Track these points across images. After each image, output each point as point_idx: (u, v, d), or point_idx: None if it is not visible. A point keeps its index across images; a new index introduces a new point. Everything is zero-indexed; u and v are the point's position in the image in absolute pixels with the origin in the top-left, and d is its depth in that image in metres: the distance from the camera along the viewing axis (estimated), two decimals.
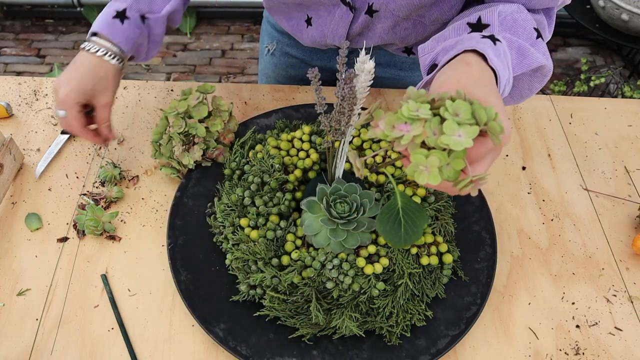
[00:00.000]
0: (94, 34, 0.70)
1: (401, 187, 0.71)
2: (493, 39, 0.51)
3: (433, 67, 0.57)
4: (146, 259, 0.70)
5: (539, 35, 0.58)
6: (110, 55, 0.69)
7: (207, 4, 2.50)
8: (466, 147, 0.37)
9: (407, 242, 0.51)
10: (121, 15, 0.70)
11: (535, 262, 0.73)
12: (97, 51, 0.68)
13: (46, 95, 0.89)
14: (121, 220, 0.74)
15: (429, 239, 0.67)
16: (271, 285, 0.64)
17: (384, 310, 0.63)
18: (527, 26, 0.57)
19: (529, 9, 0.61)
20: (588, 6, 2.11)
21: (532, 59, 0.55)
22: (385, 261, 0.64)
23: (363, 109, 0.82)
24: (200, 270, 0.67)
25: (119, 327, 0.64)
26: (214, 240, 0.70)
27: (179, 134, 0.73)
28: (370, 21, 0.72)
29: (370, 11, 0.70)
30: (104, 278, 0.68)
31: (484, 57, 0.50)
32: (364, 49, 0.56)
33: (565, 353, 0.65)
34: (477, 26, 0.56)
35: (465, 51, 0.50)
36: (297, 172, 0.72)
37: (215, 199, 0.72)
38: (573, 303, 0.69)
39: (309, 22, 0.79)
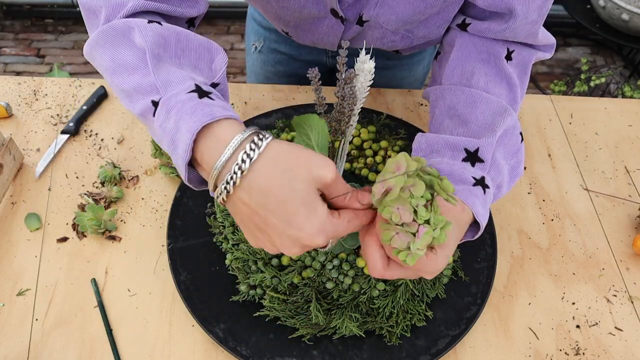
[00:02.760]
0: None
1: None
2: (483, 184, 0.55)
3: None
4: (146, 259, 0.70)
5: (521, 139, 0.62)
6: (258, 135, 0.45)
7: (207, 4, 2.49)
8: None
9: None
10: (206, 94, 0.50)
11: (536, 262, 0.72)
12: (264, 137, 0.45)
13: (46, 95, 0.88)
14: (121, 220, 0.74)
15: None
16: (271, 285, 0.64)
17: (384, 311, 0.63)
18: (516, 132, 0.61)
19: (509, 49, 0.64)
20: (588, 6, 2.11)
21: (502, 193, 0.60)
22: None
23: (363, 109, 0.82)
24: (200, 270, 0.67)
25: (106, 333, 0.64)
26: (214, 240, 0.70)
27: None
28: (361, 30, 0.72)
29: (361, 21, 0.70)
30: (94, 283, 0.68)
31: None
32: (364, 49, 0.56)
33: (566, 353, 0.64)
34: (473, 157, 0.57)
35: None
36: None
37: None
38: (573, 303, 0.69)
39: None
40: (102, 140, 0.83)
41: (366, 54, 0.55)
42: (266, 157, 0.43)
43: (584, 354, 0.64)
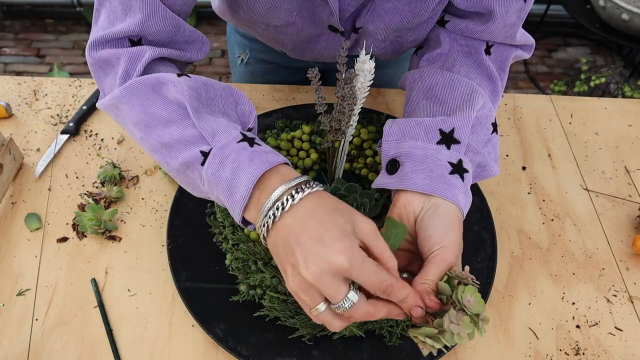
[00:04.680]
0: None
1: None
2: (461, 169, 0.54)
3: (394, 162, 0.57)
4: (146, 259, 0.70)
5: (494, 130, 0.61)
6: (307, 183, 0.48)
7: (207, 4, 2.50)
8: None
9: None
10: (252, 140, 0.53)
11: (536, 262, 0.72)
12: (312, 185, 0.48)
13: (46, 95, 0.89)
14: (121, 220, 0.74)
15: None
16: (271, 285, 0.64)
17: None
18: (487, 123, 0.60)
19: (488, 43, 0.65)
20: (588, 6, 2.11)
21: (489, 171, 0.60)
22: None
23: (363, 109, 0.82)
24: (200, 270, 0.67)
25: (106, 333, 0.64)
26: (214, 240, 0.70)
27: None
28: (358, 37, 0.73)
29: (356, 29, 0.71)
30: (94, 283, 0.68)
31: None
32: (364, 49, 0.56)
33: (566, 353, 0.64)
34: (448, 138, 0.56)
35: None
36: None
37: None
38: (573, 303, 0.69)
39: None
40: (102, 140, 0.83)
41: (366, 54, 0.55)
42: (315, 195, 0.47)
43: (584, 354, 0.65)
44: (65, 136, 0.82)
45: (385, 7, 0.65)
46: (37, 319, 0.64)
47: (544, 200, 0.79)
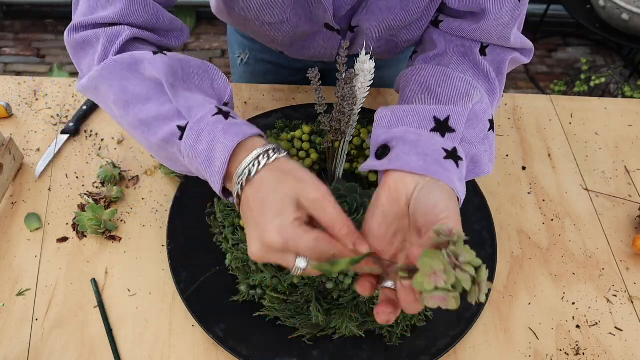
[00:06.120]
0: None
1: None
2: (455, 157, 0.52)
3: (385, 147, 0.55)
4: (146, 259, 0.70)
5: (491, 127, 0.59)
6: (274, 150, 0.50)
7: (207, 4, 2.50)
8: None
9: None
10: (227, 114, 0.53)
11: (536, 262, 0.72)
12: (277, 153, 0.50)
13: (46, 95, 0.88)
14: (121, 220, 0.74)
15: None
16: (271, 285, 0.64)
17: None
18: (484, 118, 0.58)
19: (483, 44, 0.64)
20: (588, 6, 2.10)
21: (482, 168, 0.58)
22: None
23: (363, 109, 0.82)
24: (200, 270, 0.67)
25: (106, 333, 0.64)
26: (214, 240, 0.70)
27: None
28: (354, 36, 0.73)
29: (352, 28, 0.71)
30: (94, 283, 0.68)
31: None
32: (364, 49, 0.56)
33: (566, 353, 0.64)
34: (443, 126, 0.54)
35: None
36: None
37: (215, 199, 0.72)
38: (573, 303, 0.69)
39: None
40: (102, 140, 0.83)
41: (366, 53, 0.55)
42: (272, 166, 0.48)
43: (584, 354, 0.64)
44: (65, 136, 0.82)
45: (379, 5, 0.65)
46: (37, 319, 0.64)
47: (544, 200, 0.79)
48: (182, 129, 0.52)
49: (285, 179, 0.48)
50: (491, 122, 0.59)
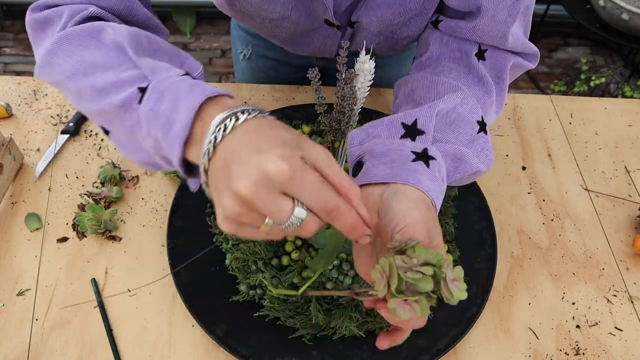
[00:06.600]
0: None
1: None
2: (426, 157, 0.50)
3: (359, 164, 0.54)
4: (146, 259, 0.70)
5: (482, 129, 0.56)
6: (254, 109, 0.42)
7: (207, 4, 2.50)
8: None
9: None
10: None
11: (536, 262, 0.72)
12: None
13: (46, 95, 0.88)
14: (121, 220, 0.74)
15: None
16: (271, 285, 0.64)
17: None
18: (471, 119, 0.55)
19: (481, 47, 0.63)
20: (588, 6, 2.10)
21: (469, 164, 0.55)
22: None
23: (363, 109, 0.82)
24: (200, 270, 0.67)
25: (106, 333, 0.64)
26: (214, 240, 0.70)
27: None
28: (354, 32, 0.73)
29: (351, 23, 0.71)
30: (94, 283, 0.68)
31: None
32: (364, 49, 0.56)
33: (566, 353, 0.64)
34: (412, 130, 0.53)
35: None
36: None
37: None
38: (573, 303, 0.69)
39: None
40: (102, 140, 0.83)
41: (366, 54, 0.56)
42: (263, 118, 0.41)
43: (584, 354, 0.64)
44: (65, 136, 0.82)
45: (377, 0, 0.65)
46: (37, 319, 0.64)
47: (544, 200, 0.79)
48: (142, 91, 0.45)
49: (282, 127, 0.40)
50: (480, 123, 0.57)
